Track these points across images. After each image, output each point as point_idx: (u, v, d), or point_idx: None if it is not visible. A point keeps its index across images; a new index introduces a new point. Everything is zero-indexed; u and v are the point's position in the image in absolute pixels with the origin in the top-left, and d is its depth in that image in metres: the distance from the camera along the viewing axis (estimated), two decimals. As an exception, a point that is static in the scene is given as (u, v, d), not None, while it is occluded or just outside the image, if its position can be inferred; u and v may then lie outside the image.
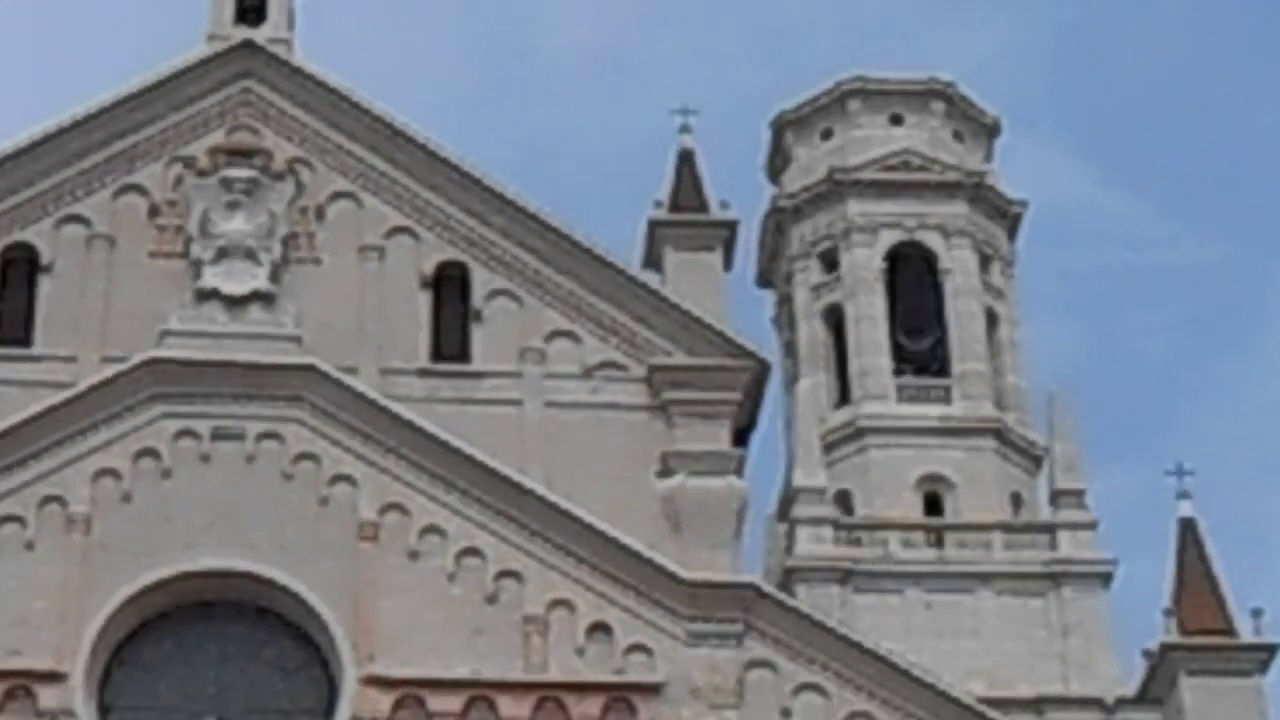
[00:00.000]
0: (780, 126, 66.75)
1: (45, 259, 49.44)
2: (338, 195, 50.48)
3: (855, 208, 63.28)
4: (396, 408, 47.46)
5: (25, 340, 48.53)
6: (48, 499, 45.92)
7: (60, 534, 45.74)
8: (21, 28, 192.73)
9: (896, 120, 64.87)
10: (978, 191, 63.65)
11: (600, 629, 45.63)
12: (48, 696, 43.81)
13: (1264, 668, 47.04)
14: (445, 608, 45.66)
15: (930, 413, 60.67)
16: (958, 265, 62.48)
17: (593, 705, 44.73)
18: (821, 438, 60.33)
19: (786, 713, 45.32)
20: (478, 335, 49.59)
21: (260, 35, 51.89)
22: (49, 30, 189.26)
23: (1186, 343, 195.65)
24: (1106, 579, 57.04)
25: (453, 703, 44.48)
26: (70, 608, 44.87)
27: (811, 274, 64.17)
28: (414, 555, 46.14)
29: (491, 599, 45.83)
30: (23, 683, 43.93)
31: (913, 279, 62.59)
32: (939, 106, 65.16)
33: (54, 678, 43.93)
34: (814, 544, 57.06)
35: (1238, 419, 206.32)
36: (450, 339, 49.64)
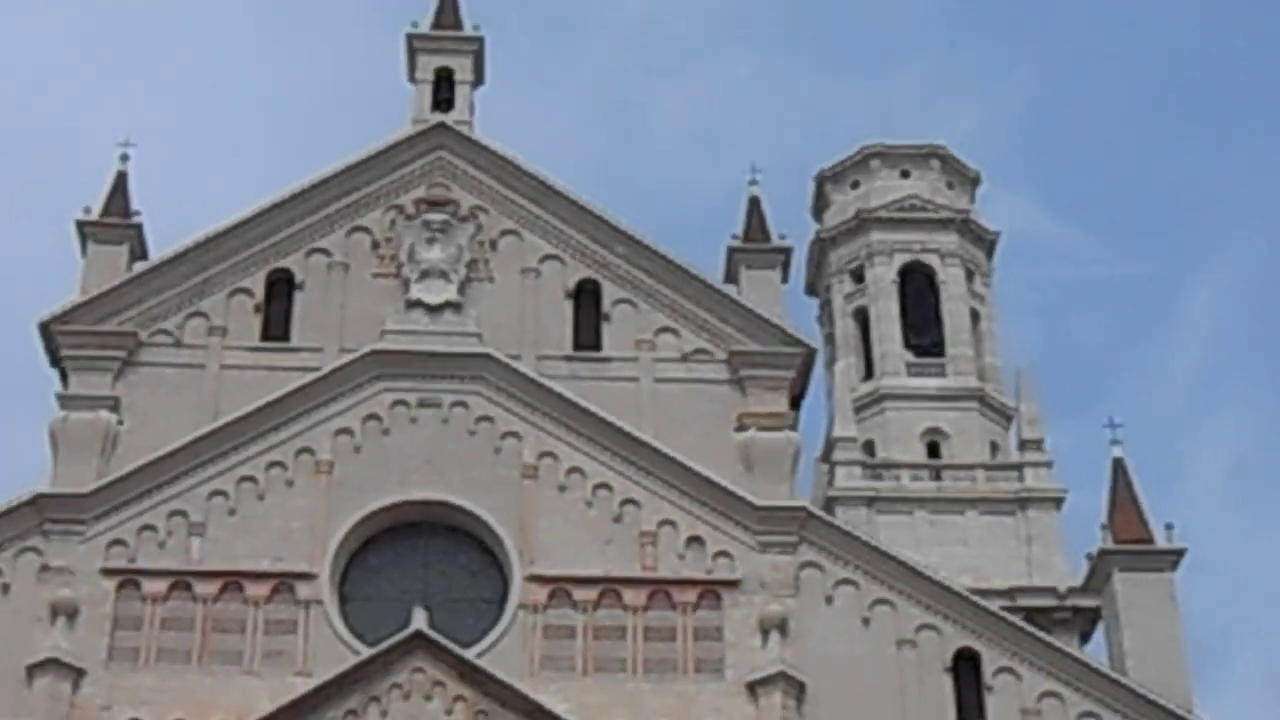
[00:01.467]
0: (821, 180, 66.85)
1: (298, 279, 50.14)
2: (505, 232, 50.95)
3: (876, 237, 63.47)
4: (548, 383, 48.17)
5: (285, 337, 49.33)
6: (302, 450, 46.85)
7: (310, 475, 46.60)
8: (278, 111, 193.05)
9: (905, 174, 64.91)
10: (964, 225, 63.71)
11: (695, 540, 46.26)
12: (303, 590, 44.74)
13: (1174, 566, 47.07)
14: (584, 526, 46.39)
15: (930, 384, 60.90)
16: (950, 279, 62.62)
17: (690, 595, 45.37)
18: (853, 403, 60.74)
19: (829, 600, 45.73)
20: (606, 331, 50.04)
21: (450, 119, 52.49)
22: (298, 114, 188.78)
23: (1116, 334, 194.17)
24: (1059, 503, 57.14)
25: (590, 593, 45.17)
26: (318, 527, 45.80)
27: (845, 285, 64.35)
28: (562, 489, 46.79)
29: (617, 519, 46.49)
30: (286, 580, 44.84)
31: (918, 289, 62.70)
32: (935, 164, 65.19)
33: (307, 577, 44.84)
34: (847, 479, 57.33)
35: (1153, 388, 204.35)
36: (586, 334, 50.09)
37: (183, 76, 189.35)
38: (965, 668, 45.25)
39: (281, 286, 50.17)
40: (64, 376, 48.28)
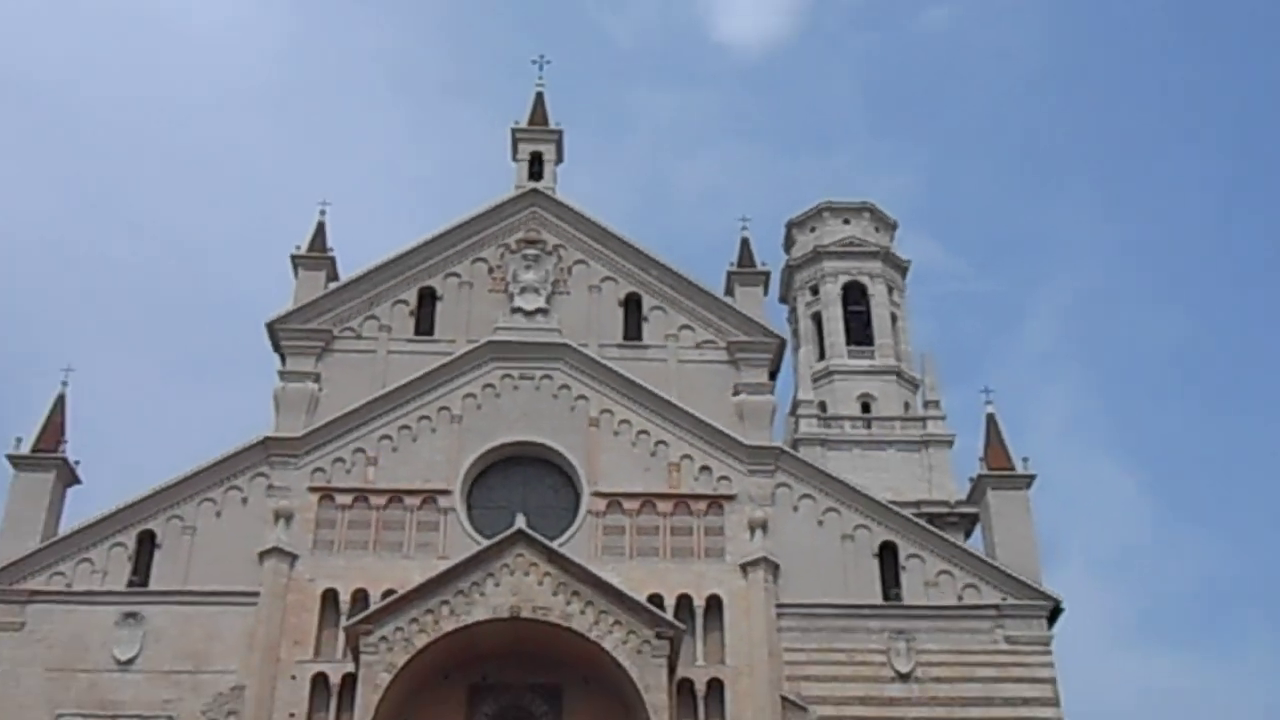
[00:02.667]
0: (789, 226, 66.45)
1: (439, 293, 49.96)
2: (577, 262, 50.63)
3: (827, 265, 63.02)
4: (606, 363, 47.97)
5: (430, 332, 49.11)
6: (441, 407, 46.91)
7: (447, 424, 46.62)
8: (425, 179, 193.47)
9: (846, 222, 64.49)
10: (887, 256, 63.31)
11: (705, 468, 46.11)
12: (442, 501, 45.06)
13: (1028, 486, 46.67)
14: (630, 458, 46.24)
15: (863, 364, 60.28)
16: (877, 293, 62.13)
17: (701, 505, 45.30)
18: (810, 376, 60.41)
19: (795, 508, 45.52)
20: (645, 328, 49.66)
21: (540, 185, 52.26)
22: (438, 181, 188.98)
23: (987, 330, 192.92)
24: (950, 444, 56.75)
25: (634, 504, 45.33)
26: (453, 459, 45.90)
27: (805, 297, 63.93)
28: (615, 433, 46.68)
29: (653, 454, 46.35)
30: (431, 495, 45.11)
31: (855, 300, 62.30)
32: (867, 214, 64.83)
33: (445, 493, 45.18)
34: (807, 427, 56.91)
35: (1012, 366, 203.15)
36: (632, 330, 49.71)
37: (362, 155, 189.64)
38: (887, 554, 45.03)
39: (428, 298, 49.98)
40: (283, 359, 48.39)
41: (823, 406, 58.95)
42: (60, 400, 46.99)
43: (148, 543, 43.99)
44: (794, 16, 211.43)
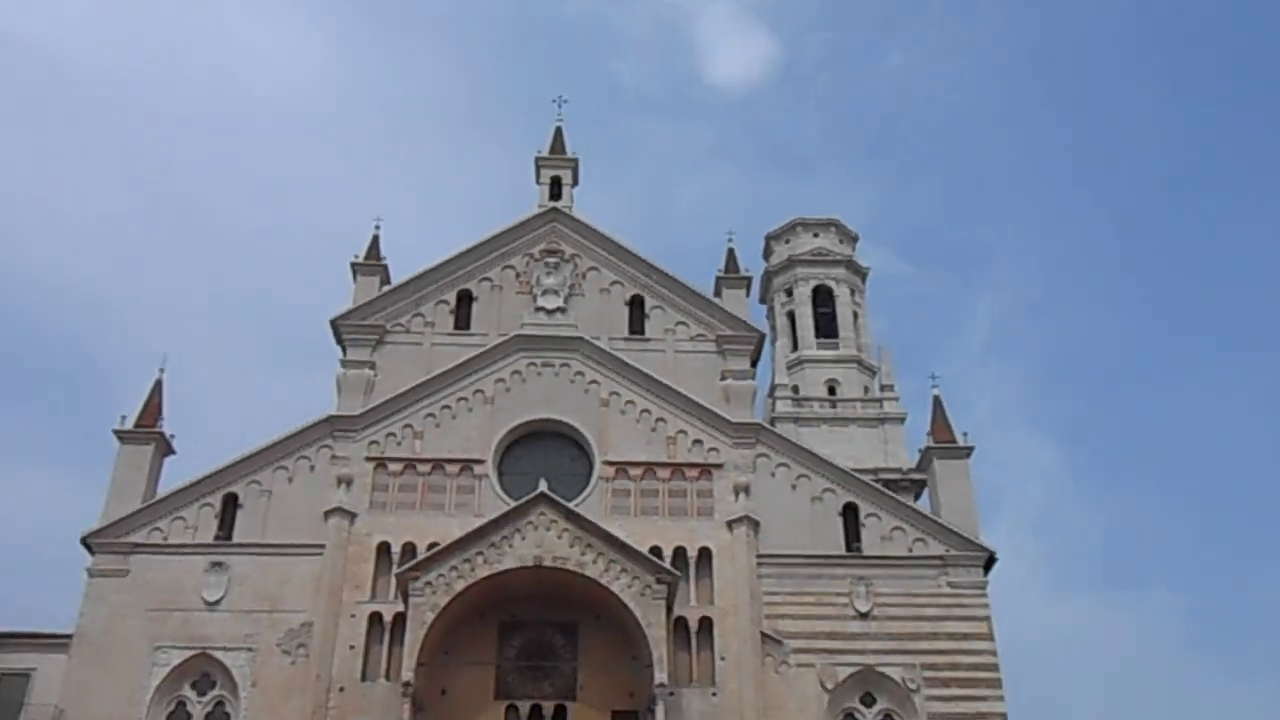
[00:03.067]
0: (768, 238, 66.10)
1: (475, 295, 50.45)
2: (590, 268, 51.19)
3: (799, 271, 63.11)
4: (614, 352, 48.60)
5: (467, 327, 49.55)
6: (476, 390, 47.58)
7: (481, 404, 47.36)
8: (462, 199, 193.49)
9: (815, 234, 64.20)
10: (850, 264, 63.19)
11: (698, 441, 46.77)
12: (478, 469, 45.79)
13: (968, 456, 47.37)
14: (635, 433, 46.87)
15: (829, 354, 60.39)
16: (841, 294, 62.08)
17: (694, 472, 45.92)
18: (785, 364, 60.69)
19: (773, 475, 46.26)
20: (647, 324, 50.12)
21: (559, 205, 52.84)
22: (474, 201, 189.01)
23: (934, 325, 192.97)
24: (902, 420, 57.10)
25: (638, 471, 45.94)
26: (486, 433, 46.61)
27: (781, 298, 63.76)
28: (622, 412, 47.27)
29: (654, 429, 46.98)
30: (468, 463, 45.81)
31: (823, 300, 62.07)
32: (833, 229, 64.48)
33: (480, 461, 45.89)
34: (783, 407, 57.14)
35: (956, 355, 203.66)
36: (636, 325, 50.11)
37: (409, 180, 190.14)
38: (850, 513, 45.89)
39: (466, 299, 50.44)
40: (344, 350, 48.95)
41: (795, 389, 59.42)
42: (158, 384, 47.76)
43: (231, 503, 44.96)
44: (772, 61, 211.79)
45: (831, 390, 59.40)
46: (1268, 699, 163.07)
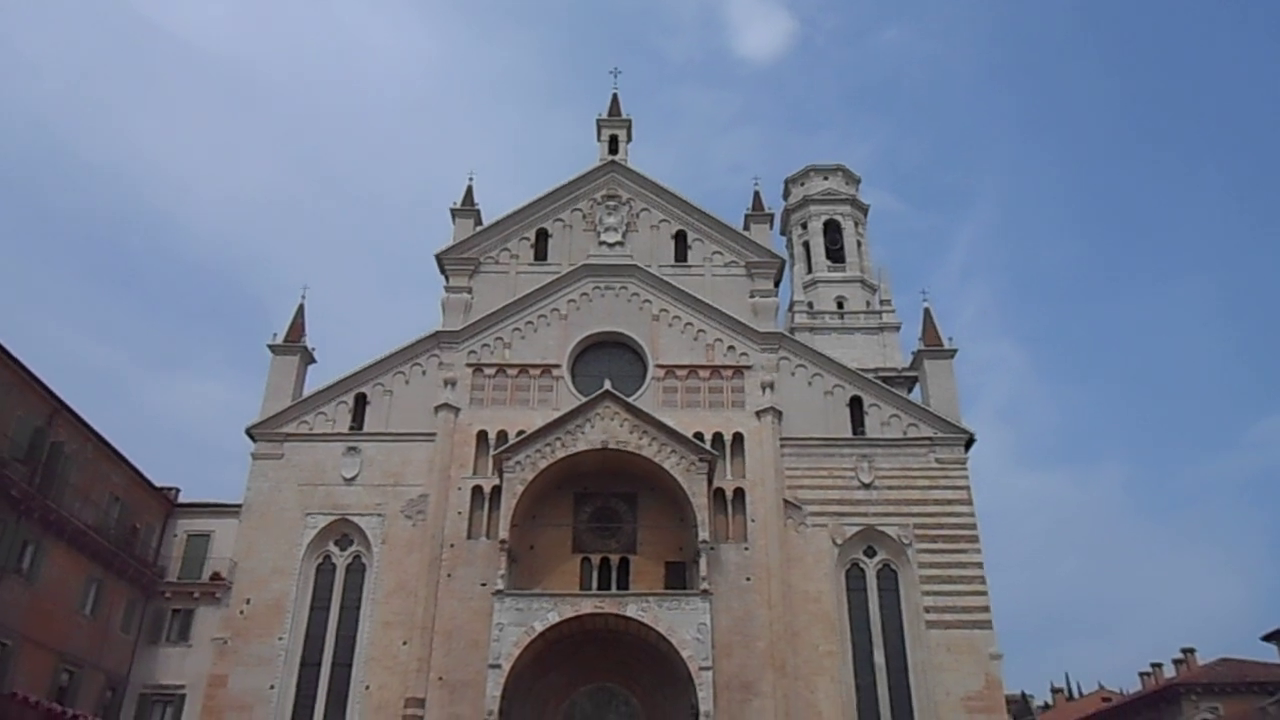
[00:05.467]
0: (787, 181, 64.10)
1: (550, 233, 49.27)
2: (642, 209, 49.78)
3: (812, 208, 61.06)
4: (663, 277, 47.40)
5: (545, 258, 48.42)
6: (553, 309, 46.79)
7: (558, 320, 46.59)
8: (542, 155, 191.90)
9: (825, 178, 62.17)
10: (854, 202, 61.26)
11: (731, 348, 45.80)
12: (555, 372, 45.12)
13: (952, 356, 46.17)
14: (680, 341, 45.93)
15: (838, 275, 58.50)
16: (847, 227, 60.15)
17: (729, 372, 45.09)
18: (801, 284, 59.25)
19: (793, 374, 45.34)
20: (690, 254, 48.74)
21: (617, 158, 51.27)
22: (550, 156, 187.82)
23: (924, 251, 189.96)
24: (898, 329, 55.34)
25: (683, 372, 45.13)
26: (562, 344, 45.86)
27: (797, 230, 61.81)
28: (670, 325, 46.29)
29: (695, 338, 46.03)
30: (548, 368, 45.15)
31: (832, 232, 60.41)
32: (840, 173, 62.42)
33: (557, 366, 45.24)
34: (800, 319, 56.09)
35: (941, 274, 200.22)
36: (680, 254, 48.82)
37: (495, 139, 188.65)
38: (855, 404, 44.84)
39: (543, 236, 49.28)
40: (446, 278, 48.07)
41: (810, 305, 57.84)
42: (300, 308, 47.58)
43: (361, 401, 44.83)
44: (791, 36, 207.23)
45: (840, 305, 57.82)
46: (1197, 556, 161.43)
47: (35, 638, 34.10)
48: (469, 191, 50.53)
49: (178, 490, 44.86)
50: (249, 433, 43.79)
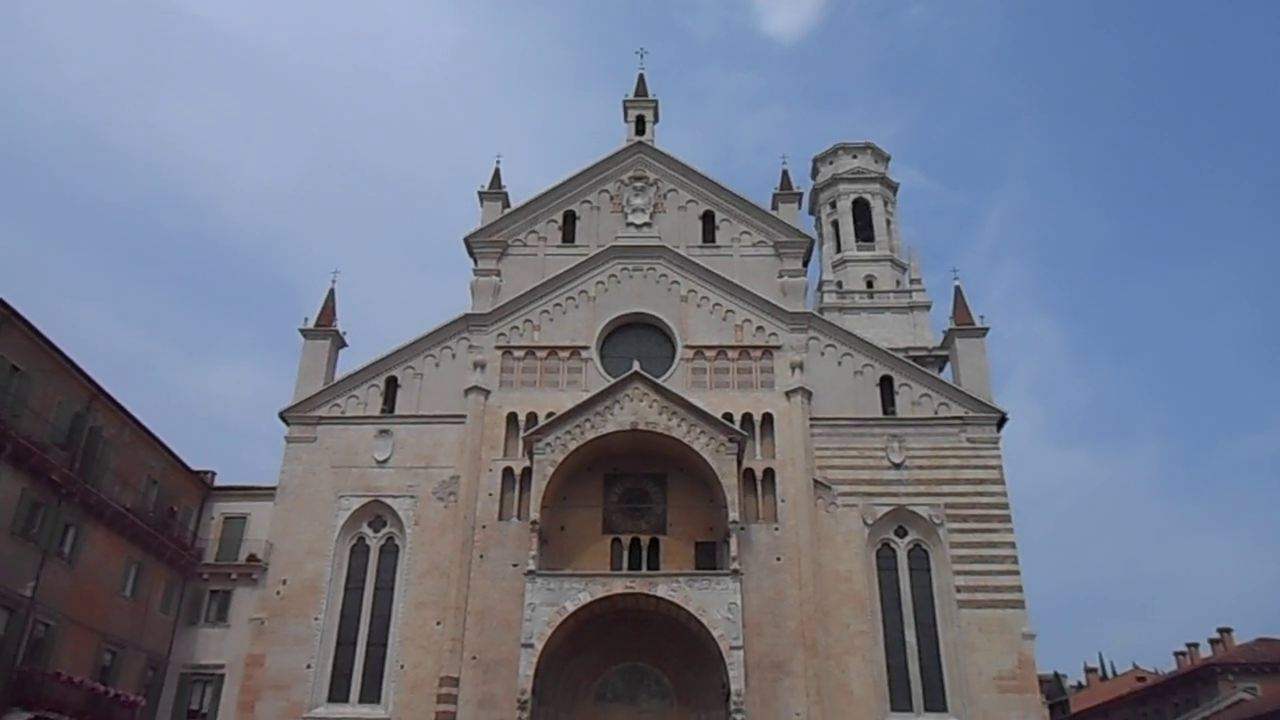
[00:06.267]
0: (815, 160, 63.72)
1: (578, 215, 49.03)
2: (670, 190, 49.40)
3: (841, 186, 60.73)
4: (691, 258, 47.08)
5: (572, 240, 48.34)
6: (581, 291, 46.70)
7: (586, 301, 46.49)
8: (570, 136, 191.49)
9: (854, 156, 61.73)
10: (883, 180, 60.72)
11: (760, 328, 45.49)
12: (584, 354, 45.11)
13: (984, 335, 45.60)
14: (709, 322, 45.69)
15: (867, 254, 58.19)
16: (877, 206, 59.76)
17: (758, 352, 44.80)
18: (831, 263, 58.87)
19: (822, 354, 44.97)
20: (718, 234, 48.31)
21: (644, 139, 50.91)
22: (578, 138, 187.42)
23: (954, 229, 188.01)
24: (929, 308, 55.16)
25: (712, 353, 44.90)
26: (590, 325, 45.79)
27: (826, 210, 61.51)
28: (698, 306, 46.04)
29: (724, 319, 45.76)
30: (577, 349, 45.14)
31: (861, 210, 60.01)
32: (870, 151, 61.91)
33: (585, 348, 45.17)
34: (829, 299, 55.93)
35: (972, 253, 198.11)
36: (708, 235, 48.38)
37: (521, 122, 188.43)
38: (886, 383, 44.45)
39: (570, 217, 49.12)
40: (475, 261, 48.12)
41: (839, 284, 57.64)
42: (331, 292, 47.90)
43: (392, 384, 45.10)
44: (818, 14, 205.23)
45: (869, 284, 57.40)
46: (1232, 535, 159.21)
47: (78, 619, 34.64)
48: (496, 174, 50.44)
49: (214, 473, 45.28)
50: (282, 416, 44.17)
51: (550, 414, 41.73)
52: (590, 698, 39.19)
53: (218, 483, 45.18)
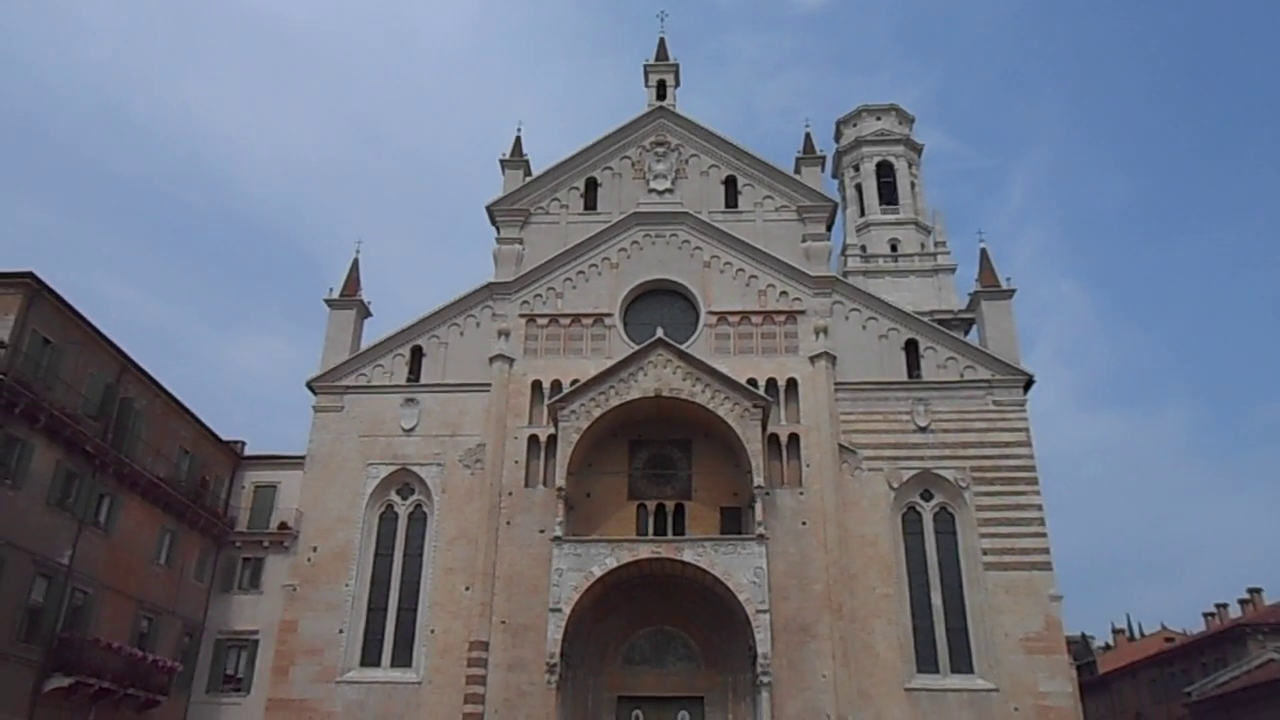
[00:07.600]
0: (839, 123, 63.16)
1: (599, 181, 48.89)
2: (692, 155, 49.06)
3: (865, 149, 60.13)
4: (714, 224, 46.83)
5: (595, 208, 48.26)
6: (604, 257, 46.62)
7: (609, 269, 46.39)
8: (591, 103, 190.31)
9: (878, 118, 61.06)
10: (908, 142, 60.08)
11: (784, 293, 45.22)
12: (608, 321, 45.04)
13: (1010, 297, 44.97)
14: (732, 288, 45.46)
15: (891, 218, 57.81)
16: (901, 168, 59.24)
17: (782, 317, 44.55)
18: (855, 227, 58.38)
19: (846, 318, 44.61)
20: (740, 199, 47.99)
21: (665, 104, 50.48)
22: (599, 105, 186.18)
23: (979, 192, 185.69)
24: (953, 271, 54.79)
25: (736, 319, 44.69)
26: (614, 292, 45.72)
27: (850, 173, 61.06)
28: (721, 271, 45.83)
29: (747, 284, 45.52)
30: (600, 317, 45.07)
31: (885, 173, 59.49)
32: (893, 113, 61.23)
33: (609, 315, 45.15)
34: (854, 263, 55.60)
35: (997, 216, 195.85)
36: (731, 200, 48.10)
37: (543, 90, 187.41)
38: (911, 347, 44.12)
39: (592, 185, 48.98)
40: (498, 229, 48.11)
41: (864, 248, 57.11)
42: (355, 263, 47.97)
43: (417, 353, 45.27)
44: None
45: (893, 247, 56.85)
46: (1261, 498, 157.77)
47: (115, 586, 35.28)
48: (518, 142, 50.20)
49: (243, 443, 45.73)
50: (309, 386, 44.50)
51: (574, 381, 41.78)
52: (618, 661, 39.50)
53: (248, 452, 45.61)
